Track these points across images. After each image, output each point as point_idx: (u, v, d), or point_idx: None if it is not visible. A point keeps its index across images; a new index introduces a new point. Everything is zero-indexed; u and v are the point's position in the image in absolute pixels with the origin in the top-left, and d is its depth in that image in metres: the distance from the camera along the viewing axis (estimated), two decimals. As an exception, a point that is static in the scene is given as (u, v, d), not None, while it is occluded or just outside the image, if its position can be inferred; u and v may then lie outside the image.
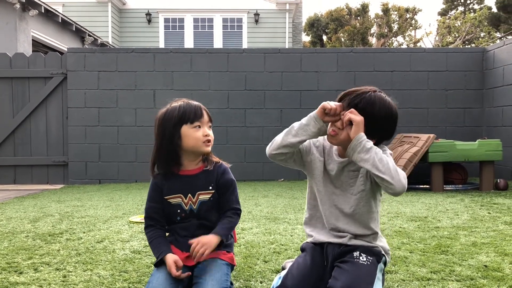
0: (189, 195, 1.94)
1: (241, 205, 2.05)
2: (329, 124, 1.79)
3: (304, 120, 1.81)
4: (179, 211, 1.94)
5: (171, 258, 1.81)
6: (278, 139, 1.83)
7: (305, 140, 1.82)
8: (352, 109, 1.73)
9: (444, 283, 2.08)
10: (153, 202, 1.97)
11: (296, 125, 1.82)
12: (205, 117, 1.94)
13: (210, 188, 1.95)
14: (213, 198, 1.95)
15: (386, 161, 1.65)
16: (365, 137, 1.69)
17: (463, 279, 2.13)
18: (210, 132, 1.95)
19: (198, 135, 1.89)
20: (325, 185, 1.89)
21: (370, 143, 1.68)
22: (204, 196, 1.94)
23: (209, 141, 1.93)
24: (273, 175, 6.58)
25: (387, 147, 1.82)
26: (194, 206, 1.94)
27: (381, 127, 1.78)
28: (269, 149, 1.85)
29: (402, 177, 1.65)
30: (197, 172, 1.95)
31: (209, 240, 1.84)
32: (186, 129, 1.89)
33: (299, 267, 1.80)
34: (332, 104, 1.74)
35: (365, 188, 1.82)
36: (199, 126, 1.90)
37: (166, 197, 1.95)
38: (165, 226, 1.99)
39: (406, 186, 1.65)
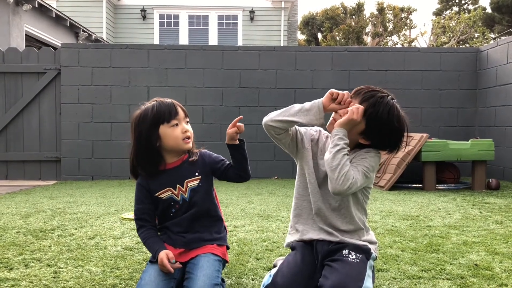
0: (178, 185, 1.94)
1: (234, 203, 2.05)
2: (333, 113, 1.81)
3: (307, 105, 1.81)
4: (172, 203, 1.95)
5: (163, 252, 1.82)
6: (275, 112, 1.84)
7: (299, 123, 1.82)
8: (359, 105, 1.74)
9: (435, 281, 2.10)
10: (140, 203, 1.97)
11: (297, 106, 1.82)
12: (181, 113, 1.92)
13: (196, 174, 1.96)
14: (202, 183, 1.96)
15: (338, 164, 1.68)
16: (341, 133, 1.72)
17: (454, 277, 2.15)
18: (189, 127, 1.94)
19: (176, 133, 1.89)
20: (317, 177, 1.90)
21: (340, 142, 1.71)
22: (193, 183, 1.95)
23: (188, 137, 1.92)
24: (266, 173, 6.59)
25: (375, 149, 1.83)
26: (186, 195, 1.94)
27: (383, 135, 1.80)
28: (265, 119, 1.87)
29: (341, 182, 1.67)
30: (180, 163, 1.96)
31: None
32: (164, 129, 1.88)
33: (290, 265, 1.80)
34: (340, 92, 1.78)
35: None
36: (177, 124, 1.89)
37: (156, 194, 1.94)
38: (156, 225, 2.00)
39: (344, 191, 1.67)
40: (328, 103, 1.78)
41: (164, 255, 1.81)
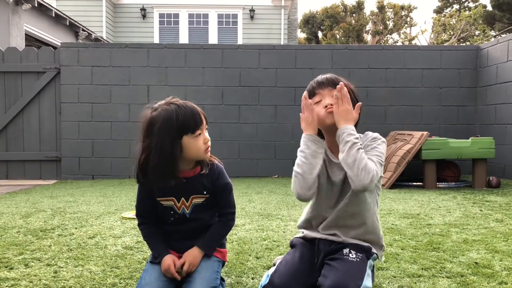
0: (183, 198, 1.86)
1: (235, 202, 2.03)
2: (322, 107, 1.82)
3: (306, 149, 1.78)
4: (172, 212, 1.88)
5: (171, 258, 1.81)
6: (301, 180, 1.75)
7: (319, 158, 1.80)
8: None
9: (435, 279, 2.09)
10: (142, 201, 1.91)
11: (304, 157, 1.77)
12: (204, 122, 1.81)
13: (205, 192, 1.87)
14: (206, 201, 1.89)
15: (354, 159, 1.67)
16: (348, 130, 1.72)
17: (454, 275, 2.14)
18: (207, 135, 1.85)
19: (199, 144, 1.78)
20: (327, 188, 1.90)
21: (350, 137, 1.70)
22: (198, 200, 1.88)
23: (208, 146, 1.83)
24: (267, 172, 6.58)
25: (378, 135, 1.84)
26: (187, 210, 1.88)
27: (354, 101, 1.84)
28: (300, 193, 1.76)
29: (363, 177, 1.65)
30: (192, 175, 1.85)
31: (195, 258, 1.83)
32: (187, 140, 1.74)
33: (287, 265, 1.79)
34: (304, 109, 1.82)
35: None
36: (200, 134, 1.77)
37: (158, 199, 1.87)
38: (157, 222, 1.95)
39: (368, 184, 1.65)
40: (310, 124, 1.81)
41: (172, 262, 1.79)
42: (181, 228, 1.90)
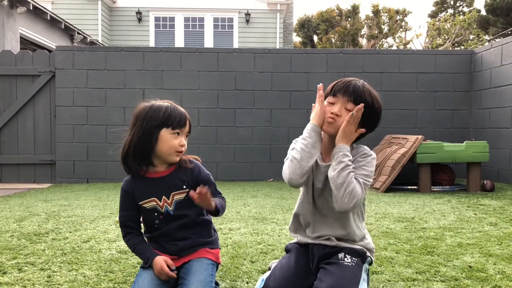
0: (164, 197, 1.87)
1: (229, 205, 2.04)
2: (330, 112, 1.79)
3: (308, 138, 1.77)
4: (156, 214, 1.89)
5: (161, 258, 1.81)
6: (296, 166, 1.76)
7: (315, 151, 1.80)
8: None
9: (429, 283, 2.10)
10: (126, 210, 1.91)
11: (304, 145, 1.77)
12: (187, 127, 1.87)
13: (184, 187, 1.89)
14: (188, 196, 1.86)
15: (343, 182, 1.68)
16: (345, 150, 1.72)
17: (448, 279, 2.15)
18: (185, 143, 1.88)
19: (174, 143, 1.83)
20: (310, 194, 1.90)
21: (345, 158, 1.71)
22: (179, 196, 1.89)
23: (181, 152, 1.86)
24: (262, 175, 6.58)
25: (369, 151, 1.83)
26: (170, 208, 1.88)
27: (373, 118, 1.81)
28: (293, 178, 1.77)
29: (347, 201, 1.68)
30: (168, 173, 1.89)
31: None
32: (164, 133, 1.82)
33: (282, 269, 1.79)
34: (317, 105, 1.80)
35: None
36: (178, 134, 1.84)
37: (140, 203, 1.88)
38: (141, 231, 1.95)
39: (350, 208, 1.69)
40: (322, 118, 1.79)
41: (163, 262, 1.79)
42: (169, 228, 1.90)
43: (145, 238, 1.95)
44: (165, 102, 1.89)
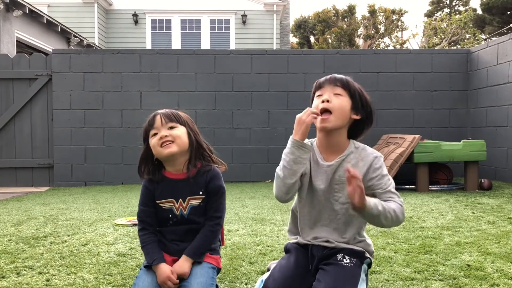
0: (180, 200, 1.94)
1: (228, 207, 2.04)
2: (316, 108, 1.77)
3: (290, 154, 1.75)
4: (170, 215, 1.94)
5: (168, 268, 1.81)
6: (280, 184, 1.78)
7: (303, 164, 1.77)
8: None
9: (428, 282, 2.11)
10: (145, 206, 1.97)
11: (286, 161, 1.76)
12: (157, 122, 1.90)
13: (200, 193, 1.94)
14: (204, 203, 1.94)
15: (385, 216, 1.67)
16: (371, 203, 1.63)
17: (446, 278, 2.16)
18: (171, 132, 1.89)
19: (154, 142, 1.90)
20: (309, 195, 1.88)
21: (376, 209, 1.64)
22: (195, 201, 1.94)
23: (166, 141, 1.87)
24: (260, 176, 6.59)
25: (373, 151, 1.82)
26: (185, 212, 1.93)
27: (364, 104, 1.81)
28: (278, 196, 1.82)
29: (399, 221, 1.72)
30: (187, 177, 1.93)
31: (182, 269, 1.83)
32: (150, 140, 1.92)
33: (282, 270, 1.79)
34: (305, 115, 1.73)
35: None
36: (156, 133, 1.90)
37: (158, 202, 1.95)
38: (156, 230, 1.98)
39: (403, 220, 1.73)
40: (304, 134, 1.74)
41: (169, 271, 1.80)
42: (178, 228, 1.94)
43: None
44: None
